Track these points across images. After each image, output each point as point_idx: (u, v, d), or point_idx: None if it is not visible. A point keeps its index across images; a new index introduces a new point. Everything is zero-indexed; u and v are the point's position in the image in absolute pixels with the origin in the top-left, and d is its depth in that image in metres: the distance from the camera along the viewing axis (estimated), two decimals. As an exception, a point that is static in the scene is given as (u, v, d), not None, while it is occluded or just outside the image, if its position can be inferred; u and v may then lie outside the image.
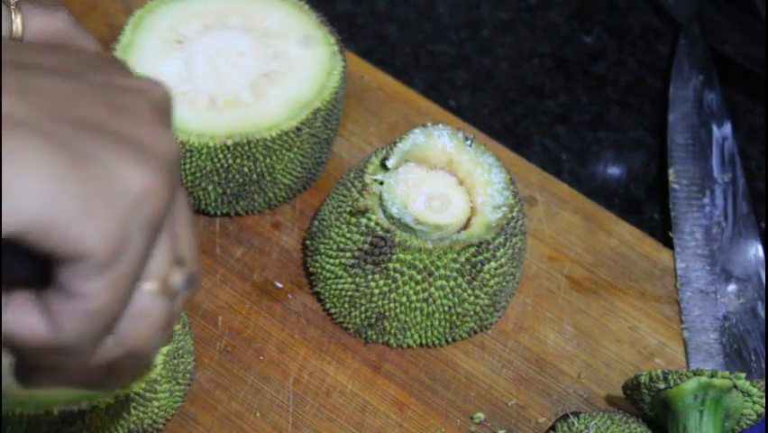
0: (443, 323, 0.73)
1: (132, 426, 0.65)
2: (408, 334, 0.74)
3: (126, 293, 0.42)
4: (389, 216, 0.71)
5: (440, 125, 0.75)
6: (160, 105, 0.45)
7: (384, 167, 0.73)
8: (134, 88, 0.44)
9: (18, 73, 0.41)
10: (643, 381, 0.69)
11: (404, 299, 0.71)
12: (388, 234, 0.70)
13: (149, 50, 0.78)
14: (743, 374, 0.67)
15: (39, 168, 0.37)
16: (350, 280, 0.72)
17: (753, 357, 0.78)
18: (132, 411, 0.64)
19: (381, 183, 0.73)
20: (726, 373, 0.67)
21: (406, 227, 0.71)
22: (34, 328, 0.41)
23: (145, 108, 0.44)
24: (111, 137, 0.41)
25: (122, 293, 0.41)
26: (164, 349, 0.64)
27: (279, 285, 0.78)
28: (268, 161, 0.76)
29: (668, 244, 0.84)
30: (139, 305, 0.43)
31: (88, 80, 0.43)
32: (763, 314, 0.80)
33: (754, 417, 0.69)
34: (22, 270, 0.41)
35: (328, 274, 0.74)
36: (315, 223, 0.77)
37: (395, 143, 0.74)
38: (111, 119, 0.42)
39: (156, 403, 0.66)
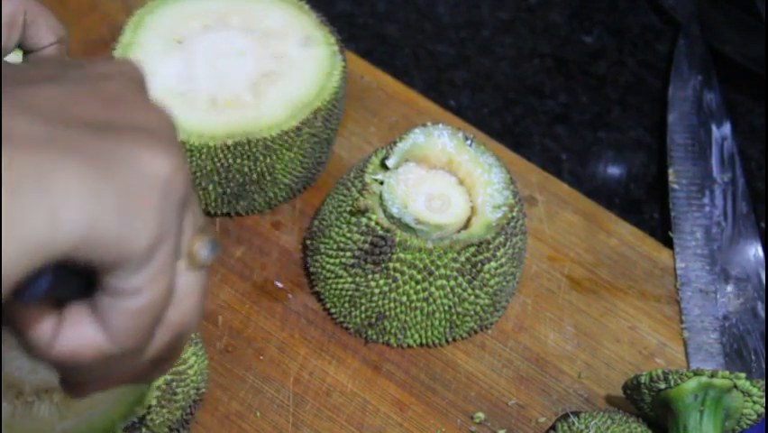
0: (443, 323, 0.73)
1: (184, 403, 0.65)
2: (408, 333, 0.74)
3: (171, 279, 0.42)
4: (390, 216, 0.71)
5: (440, 125, 0.75)
6: (138, 82, 0.45)
7: (384, 167, 0.73)
8: (110, 73, 0.44)
9: (9, 90, 0.40)
10: (643, 381, 0.69)
11: (404, 298, 0.71)
12: (389, 234, 0.70)
13: (149, 50, 0.78)
14: (743, 374, 0.67)
15: (73, 185, 0.37)
16: (350, 279, 0.72)
17: (753, 357, 0.78)
18: (178, 390, 0.65)
19: (381, 183, 0.73)
20: (727, 372, 0.67)
21: (406, 227, 0.71)
22: (92, 339, 0.41)
23: (130, 90, 0.44)
24: (119, 130, 0.41)
25: (167, 280, 0.42)
26: None
27: (280, 285, 0.78)
28: (268, 160, 0.76)
29: (668, 244, 0.84)
30: (178, 286, 0.43)
31: (69, 78, 0.43)
32: (763, 314, 0.80)
33: (754, 417, 0.69)
34: (68, 286, 0.41)
35: (328, 274, 0.74)
36: (316, 222, 0.77)
37: (395, 143, 0.74)
38: (108, 111, 0.42)
39: (191, 371, 0.66)
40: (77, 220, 0.37)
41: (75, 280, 0.41)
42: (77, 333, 0.41)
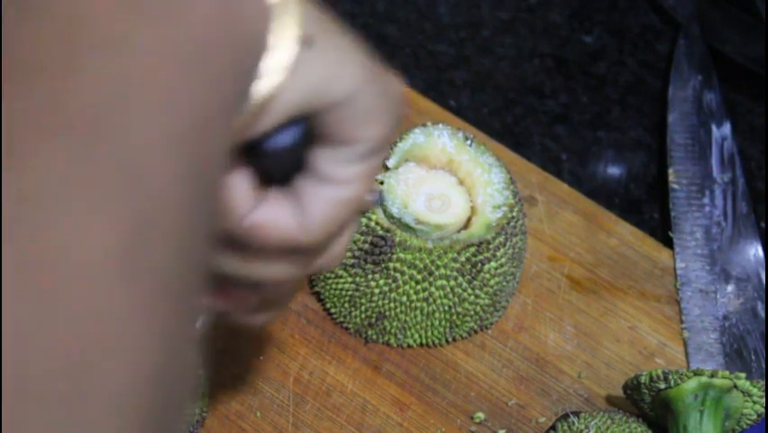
0: (443, 323, 0.73)
1: (190, 418, 0.66)
2: (408, 333, 0.74)
3: (369, 186, 0.46)
4: (390, 216, 0.71)
5: (440, 125, 0.75)
6: None
7: (384, 167, 0.73)
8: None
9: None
10: (643, 381, 0.69)
11: (404, 298, 0.71)
12: (389, 234, 0.70)
13: (149, 49, 0.78)
14: (743, 374, 0.67)
15: (360, 59, 0.43)
16: (350, 279, 0.72)
17: (753, 357, 0.78)
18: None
19: (381, 183, 0.73)
20: (727, 372, 0.67)
21: (406, 227, 0.71)
22: (285, 222, 0.44)
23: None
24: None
25: (366, 186, 0.46)
26: None
27: (279, 285, 0.78)
28: (268, 160, 0.76)
29: (668, 244, 0.84)
30: None
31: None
32: (763, 314, 0.80)
33: (755, 417, 0.69)
34: (295, 160, 0.44)
35: (328, 274, 0.74)
36: (316, 223, 0.77)
37: (395, 143, 0.74)
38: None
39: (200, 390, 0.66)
40: (351, 81, 0.42)
41: (299, 159, 0.44)
42: (273, 211, 0.44)
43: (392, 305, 0.72)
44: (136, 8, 0.34)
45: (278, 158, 0.43)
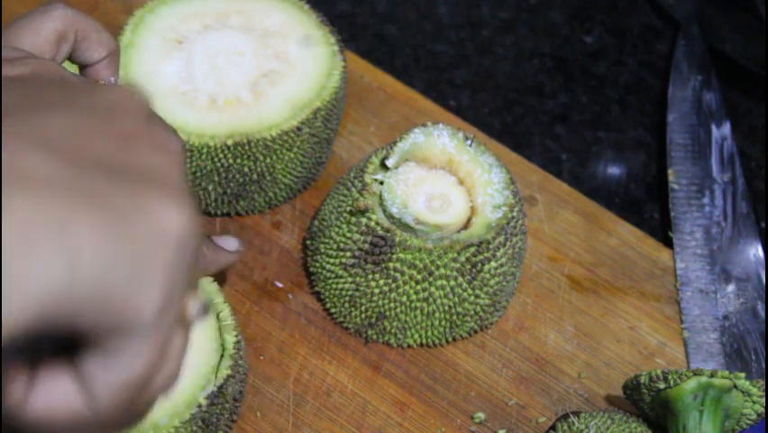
0: (443, 323, 0.73)
1: (242, 375, 0.68)
2: (409, 333, 0.74)
3: (168, 344, 0.39)
4: (389, 216, 0.71)
5: (440, 125, 0.75)
6: (148, 115, 0.42)
7: (384, 167, 0.73)
8: (121, 105, 0.41)
9: (17, 117, 0.36)
10: (643, 381, 0.69)
11: (404, 298, 0.71)
12: (389, 234, 0.70)
13: (149, 50, 0.78)
14: (743, 374, 0.67)
15: (88, 237, 0.34)
16: (350, 279, 0.72)
17: (753, 357, 0.78)
18: (240, 362, 0.67)
19: (381, 183, 0.73)
20: (726, 372, 0.67)
21: (406, 227, 0.71)
22: (69, 402, 0.37)
23: (141, 127, 0.40)
24: (133, 176, 0.37)
25: (164, 347, 0.39)
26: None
27: (280, 285, 0.78)
28: (268, 160, 0.76)
29: (668, 243, 0.84)
30: (168, 347, 0.39)
31: (79, 106, 0.39)
32: (763, 314, 0.80)
33: (754, 417, 0.69)
34: (51, 341, 0.37)
35: (328, 274, 0.74)
36: (316, 223, 0.77)
37: (395, 143, 0.74)
38: (121, 152, 0.38)
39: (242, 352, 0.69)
40: (90, 276, 0.34)
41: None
42: (51, 392, 0.37)
43: (392, 305, 0.72)
44: None
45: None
